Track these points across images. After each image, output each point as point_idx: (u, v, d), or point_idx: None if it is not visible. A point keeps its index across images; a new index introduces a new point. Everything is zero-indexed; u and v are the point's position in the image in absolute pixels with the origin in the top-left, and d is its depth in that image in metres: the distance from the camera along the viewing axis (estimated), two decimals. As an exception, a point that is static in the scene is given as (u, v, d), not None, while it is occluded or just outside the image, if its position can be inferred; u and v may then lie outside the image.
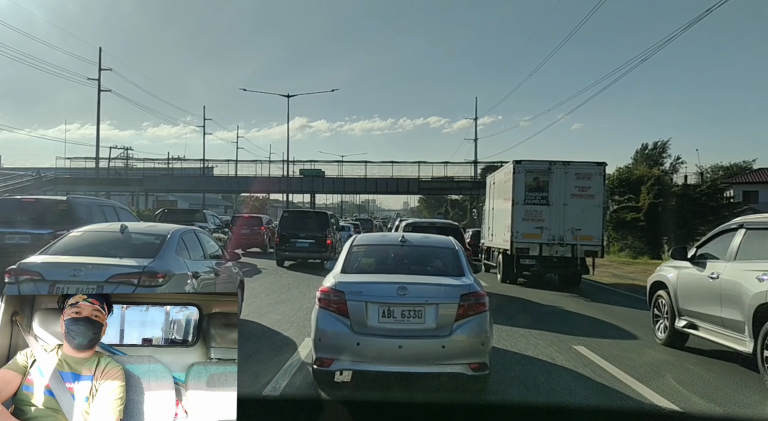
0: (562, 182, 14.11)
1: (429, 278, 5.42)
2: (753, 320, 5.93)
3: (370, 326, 4.91)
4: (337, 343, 4.94)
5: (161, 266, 6.29)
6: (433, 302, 4.96)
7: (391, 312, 4.93)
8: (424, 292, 5.05)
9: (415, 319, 4.93)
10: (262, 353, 6.72)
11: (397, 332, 4.89)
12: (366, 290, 5.06)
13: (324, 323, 5.01)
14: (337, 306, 5.00)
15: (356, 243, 6.14)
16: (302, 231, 18.44)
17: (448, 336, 4.89)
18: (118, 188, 51.44)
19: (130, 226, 7.17)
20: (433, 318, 4.92)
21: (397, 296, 4.96)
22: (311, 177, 52.76)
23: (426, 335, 4.91)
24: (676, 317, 7.65)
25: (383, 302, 4.95)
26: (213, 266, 7.91)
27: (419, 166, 51.38)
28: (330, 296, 5.06)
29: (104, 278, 5.91)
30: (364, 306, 4.94)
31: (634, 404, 5.30)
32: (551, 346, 7.60)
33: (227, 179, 53.67)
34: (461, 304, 4.98)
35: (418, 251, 6.16)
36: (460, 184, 51.20)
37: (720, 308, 6.61)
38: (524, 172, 14.27)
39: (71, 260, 6.12)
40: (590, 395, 5.54)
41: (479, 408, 3.42)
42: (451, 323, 4.92)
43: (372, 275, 5.51)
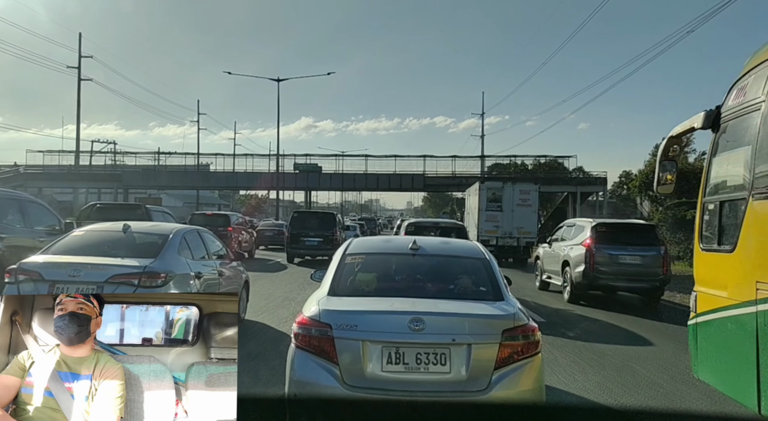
0: (511, 196, 20.69)
1: (455, 304, 3.91)
2: (561, 269, 12.46)
3: (370, 377, 3.46)
4: (320, 403, 3.54)
5: (162, 266, 6.24)
6: (462, 342, 3.51)
7: (401, 356, 3.47)
8: (449, 326, 3.61)
9: (436, 366, 3.47)
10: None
11: (410, 386, 3.48)
12: (364, 322, 3.56)
13: (302, 370, 3.54)
14: (320, 346, 3.51)
15: (351, 251, 4.62)
16: (311, 230, 20.00)
17: (486, 392, 3.47)
18: (96, 184, 47.89)
19: (132, 225, 7.11)
20: (464, 365, 3.48)
21: (411, 331, 3.50)
22: (307, 172, 47.72)
23: (453, 389, 3.50)
24: (543, 273, 13.97)
25: (390, 341, 3.50)
26: (216, 266, 7.84)
27: (425, 161, 47.18)
28: (311, 331, 3.56)
29: (104, 279, 5.85)
30: (360, 346, 3.47)
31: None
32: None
33: (214, 175, 49.23)
34: (504, 343, 3.53)
35: (435, 262, 4.63)
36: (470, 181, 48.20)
37: (555, 266, 12.96)
38: (486, 189, 21.05)
39: (71, 260, 6.06)
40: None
41: (479, 408, 3.40)
42: (489, 372, 3.49)
43: (372, 300, 3.98)
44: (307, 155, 50.20)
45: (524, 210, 20.70)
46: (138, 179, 48.05)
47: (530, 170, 48.96)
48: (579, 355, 7.10)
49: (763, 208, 3.76)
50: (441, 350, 3.48)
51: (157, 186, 51.38)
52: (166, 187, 53.85)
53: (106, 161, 53.54)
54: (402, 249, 4.68)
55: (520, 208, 20.64)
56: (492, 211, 20.58)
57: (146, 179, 48.45)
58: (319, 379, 3.47)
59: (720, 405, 5.20)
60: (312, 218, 21.47)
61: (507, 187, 21.06)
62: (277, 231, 28.72)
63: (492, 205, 20.65)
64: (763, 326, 3.61)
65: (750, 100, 4.09)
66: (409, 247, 4.56)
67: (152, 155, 52.82)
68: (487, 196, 20.77)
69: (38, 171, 46.81)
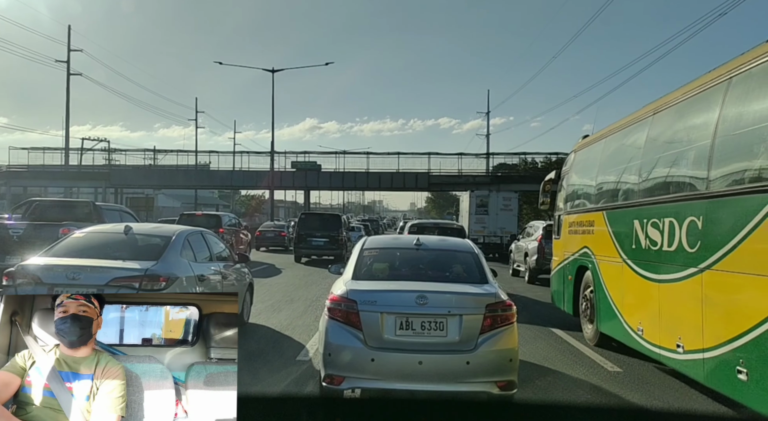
0: (495, 202, 25.66)
1: (450, 285, 4.99)
2: (524, 259, 16.57)
3: (386, 340, 4.48)
4: (350, 359, 4.49)
5: (164, 269, 6.10)
6: (456, 313, 4.53)
7: (410, 324, 4.50)
8: (446, 301, 4.61)
9: (436, 331, 4.50)
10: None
11: (416, 346, 4.46)
12: (381, 298, 4.63)
13: (334, 336, 4.57)
14: (348, 317, 4.56)
15: (367, 246, 5.74)
16: (318, 231, 20.99)
17: (473, 351, 4.45)
18: (83, 183, 45.54)
19: (134, 227, 7.02)
20: (457, 331, 4.49)
21: (417, 305, 4.53)
22: (305, 171, 44.80)
23: (449, 349, 4.48)
24: (513, 263, 18.08)
25: (401, 313, 4.52)
26: (220, 269, 7.67)
27: (429, 159, 44.24)
28: (341, 306, 4.63)
29: (104, 282, 5.70)
30: (379, 317, 4.51)
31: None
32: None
33: (209, 174, 46.28)
34: (487, 315, 4.56)
35: (435, 255, 5.73)
36: (477, 179, 43.48)
37: (520, 257, 17.18)
38: (475, 196, 26.04)
39: (71, 263, 5.92)
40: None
41: (479, 407, 3.42)
42: (476, 336, 4.49)
43: (387, 283, 5.11)
44: (305, 153, 47.08)
45: (506, 214, 25.49)
46: (128, 178, 45.66)
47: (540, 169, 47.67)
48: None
49: (565, 219, 9.33)
50: (440, 319, 4.51)
51: (148, 185, 48.95)
52: (158, 186, 51.32)
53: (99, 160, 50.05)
54: (408, 245, 5.81)
55: (503, 212, 25.43)
56: (480, 214, 25.40)
57: (136, 178, 45.89)
58: (348, 342, 4.48)
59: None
60: (318, 219, 22.43)
61: (492, 194, 26.29)
62: (278, 232, 28.02)
63: (480, 210, 25.43)
64: (566, 269, 8.99)
65: (567, 167, 9.87)
66: (413, 243, 5.69)
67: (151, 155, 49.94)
68: (476, 203, 25.55)
69: (22, 169, 44.68)
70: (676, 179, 5.68)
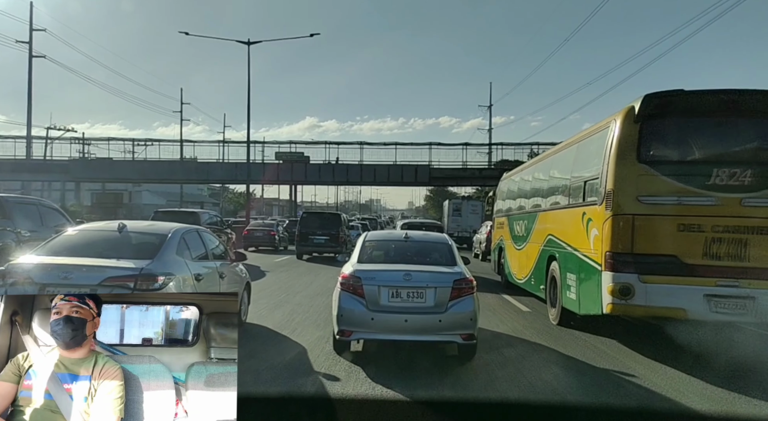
0: (466, 207, 34.20)
1: (428, 267, 6.57)
2: (478, 245, 24.59)
3: (382, 305, 6.05)
4: (356, 318, 6.04)
5: (159, 268, 5.97)
6: (432, 286, 6.12)
7: (399, 293, 6.09)
8: (424, 278, 6.20)
9: (417, 299, 6.09)
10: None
11: (403, 309, 6.04)
12: (378, 276, 6.23)
13: (345, 302, 6.13)
14: (355, 289, 6.14)
15: (368, 239, 7.54)
16: (319, 229, 22.27)
17: (444, 312, 6.04)
18: (41, 176, 41.33)
19: (129, 225, 6.89)
20: (432, 298, 6.08)
21: (404, 280, 6.13)
22: (291, 163, 40.53)
23: (426, 311, 6.05)
24: (475, 248, 25.96)
25: (392, 286, 6.11)
26: (217, 268, 7.56)
27: (431, 150, 40.86)
28: (350, 281, 6.22)
29: (98, 281, 5.56)
30: (377, 289, 6.10)
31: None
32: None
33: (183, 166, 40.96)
34: (454, 287, 6.14)
35: (419, 245, 7.37)
36: (484, 173, 40.92)
37: (477, 244, 25.54)
38: (451, 203, 35.78)
39: (63, 262, 5.77)
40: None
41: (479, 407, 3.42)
42: (446, 302, 6.07)
43: (383, 265, 6.70)
44: (291, 143, 41.96)
45: (474, 216, 33.18)
46: (91, 171, 40.48)
47: None
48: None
49: (496, 220, 16.45)
50: (420, 290, 6.12)
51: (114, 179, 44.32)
52: (124, 179, 46.46)
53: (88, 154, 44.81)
54: (399, 238, 7.61)
55: (471, 215, 33.44)
56: (455, 216, 34.00)
57: (101, 171, 40.77)
58: (355, 306, 6.08)
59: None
60: (319, 218, 23.66)
61: (464, 202, 35.13)
62: (267, 232, 27.08)
63: (455, 213, 34.14)
64: (495, 249, 16.11)
65: (497, 190, 16.76)
66: (403, 236, 7.52)
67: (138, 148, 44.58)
68: (453, 208, 34.60)
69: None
70: (530, 202, 12.00)
